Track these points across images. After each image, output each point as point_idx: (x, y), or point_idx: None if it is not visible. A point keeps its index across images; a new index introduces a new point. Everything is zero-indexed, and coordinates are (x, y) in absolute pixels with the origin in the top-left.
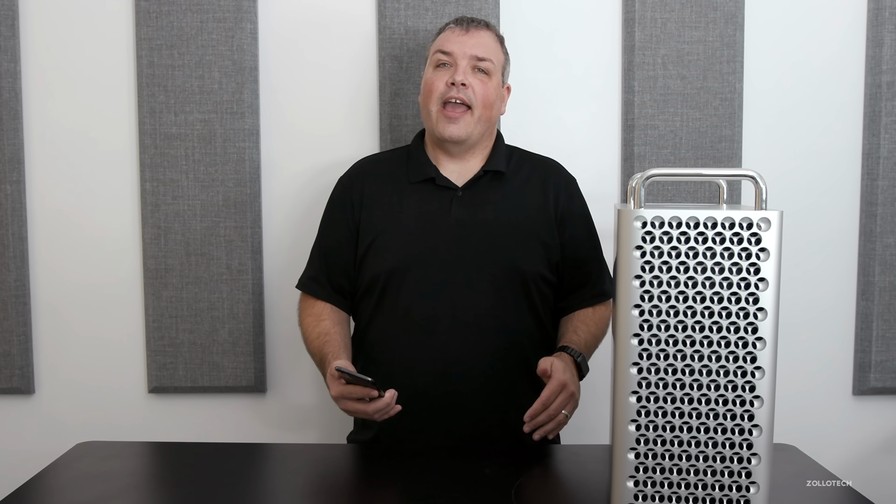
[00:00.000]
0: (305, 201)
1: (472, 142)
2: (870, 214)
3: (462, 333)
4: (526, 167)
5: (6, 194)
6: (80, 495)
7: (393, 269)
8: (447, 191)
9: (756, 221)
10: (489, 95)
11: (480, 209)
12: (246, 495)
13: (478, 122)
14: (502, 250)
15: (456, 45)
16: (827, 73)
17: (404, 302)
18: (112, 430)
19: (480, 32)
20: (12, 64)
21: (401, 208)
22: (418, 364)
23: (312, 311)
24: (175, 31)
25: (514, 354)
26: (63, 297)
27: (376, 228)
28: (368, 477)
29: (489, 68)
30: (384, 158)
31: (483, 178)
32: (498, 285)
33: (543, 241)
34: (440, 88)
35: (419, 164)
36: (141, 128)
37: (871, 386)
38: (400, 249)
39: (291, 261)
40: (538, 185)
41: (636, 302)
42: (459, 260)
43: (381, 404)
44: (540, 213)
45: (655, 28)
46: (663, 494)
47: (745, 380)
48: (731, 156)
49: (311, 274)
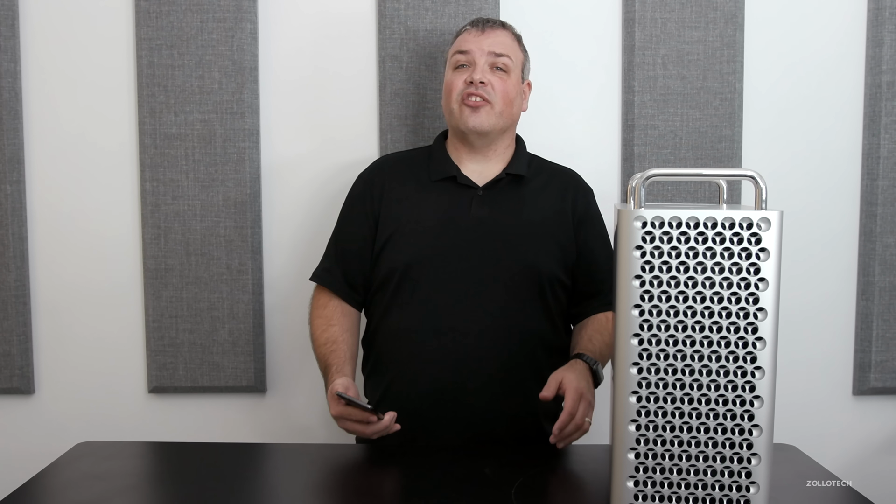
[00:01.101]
0: (306, 201)
1: (493, 136)
2: (870, 214)
3: (475, 331)
4: (545, 173)
5: (6, 194)
6: (80, 495)
7: (410, 264)
8: (468, 189)
9: (756, 221)
10: (509, 92)
11: (500, 209)
12: (246, 495)
13: (500, 116)
14: (520, 250)
15: (473, 43)
16: (827, 73)
17: (419, 297)
18: (112, 430)
19: (497, 31)
20: (12, 64)
21: (421, 205)
22: (430, 360)
23: (323, 313)
24: (175, 31)
25: (525, 354)
26: (63, 298)
27: (395, 223)
28: (368, 477)
29: (507, 65)
30: (406, 156)
31: (503, 180)
32: (514, 285)
33: (560, 244)
34: (459, 87)
35: (441, 163)
36: (141, 128)
37: (871, 386)
38: (418, 245)
39: (291, 261)
40: (557, 191)
41: (636, 302)
42: (477, 258)
43: (379, 427)
44: (557, 217)
45: (655, 28)
46: (663, 494)
47: (745, 380)
48: (731, 156)
49: (325, 266)
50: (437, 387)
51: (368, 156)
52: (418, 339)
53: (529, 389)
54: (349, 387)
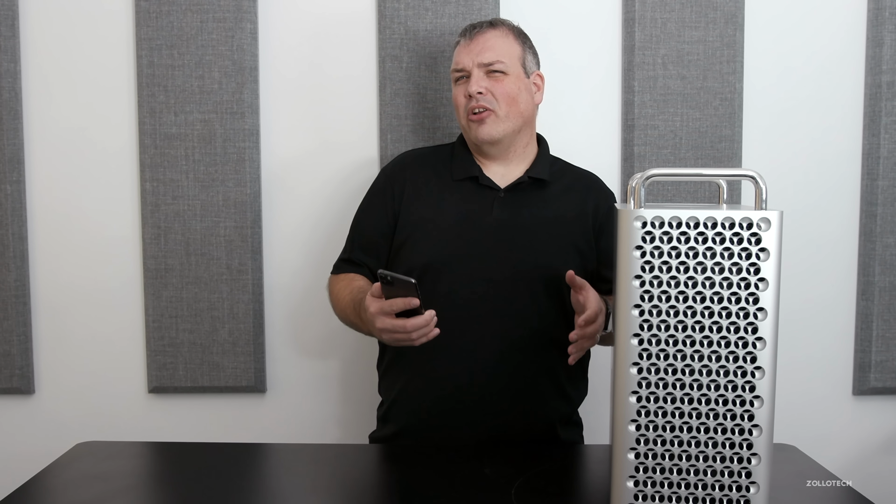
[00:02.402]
0: (306, 201)
1: (508, 140)
2: (870, 214)
3: (493, 332)
4: (568, 177)
5: (6, 194)
6: (80, 495)
7: (429, 263)
8: (490, 191)
9: (756, 221)
10: (509, 91)
11: (521, 212)
12: (246, 495)
13: (506, 119)
14: (540, 253)
15: (464, 56)
16: (827, 73)
17: (438, 296)
18: (112, 430)
19: (485, 35)
20: (12, 64)
21: (442, 204)
22: (447, 360)
23: (344, 277)
24: (175, 31)
25: (542, 357)
26: (63, 298)
27: (416, 221)
28: (368, 477)
29: (501, 69)
30: (429, 153)
31: (525, 182)
32: (533, 287)
33: (580, 249)
34: (462, 102)
35: (463, 163)
36: (141, 128)
37: (871, 386)
38: (438, 244)
39: (291, 261)
40: (578, 195)
41: (636, 302)
42: (497, 259)
43: (420, 321)
44: (578, 221)
45: (655, 28)
46: (663, 494)
47: (745, 380)
48: (731, 156)
49: (342, 257)
50: (454, 387)
51: (368, 156)
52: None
53: (545, 392)
54: None
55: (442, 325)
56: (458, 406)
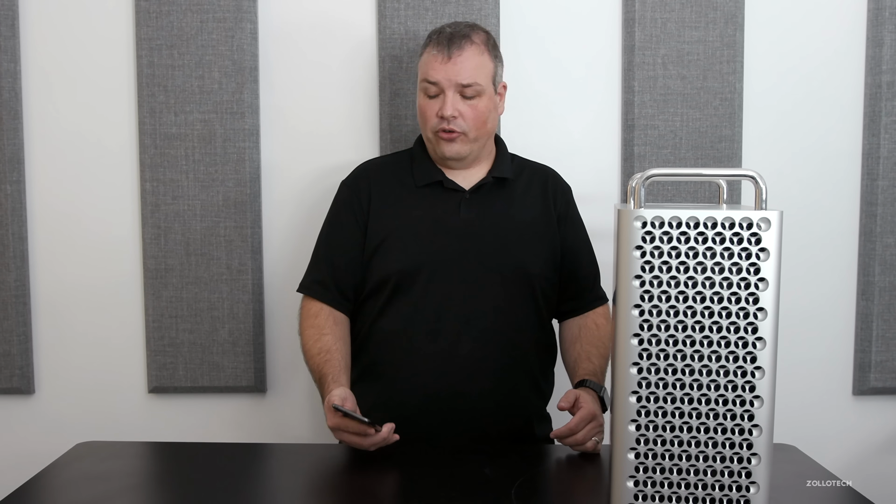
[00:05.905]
0: (306, 201)
1: (472, 157)
2: (870, 214)
3: (470, 333)
4: (527, 172)
5: (6, 194)
6: (80, 495)
7: (403, 270)
8: (454, 193)
9: (756, 221)
10: (480, 116)
11: (488, 211)
12: (246, 495)
13: (475, 142)
14: (510, 251)
15: (441, 73)
16: (827, 73)
17: (413, 302)
18: (112, 430)
19: (463, 55)
20: (12, 64)
21: (409, 210)
22: (425, 364)
23: (315, 322)
24: (175, 31)
25: (518, 355)
26: (63, 297)
27: (385, 230)
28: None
29: (477, 91)
30: (388, 161)
31: (489, 182)
32: (505, 286)
33: (548, 244)
34: (432, 119)
35: (426, 168)
36: (141, 128)
37: (871, 386)
38: (410, 250)
39: (291, 261)
40: (539, 190)
41: (636, 302)
42: (468, 260)
43: (377, 439)
44: (543, 216)
45: (655, 28)
46: (663, 494)
47: (745, 380)
48: (731, 156)
49: (315, 277)
50: (433, 390)
51: (368, 156)
52: (413, 342)
53: (521, 389)
54: (346, 398)
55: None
56: (437, 408)
